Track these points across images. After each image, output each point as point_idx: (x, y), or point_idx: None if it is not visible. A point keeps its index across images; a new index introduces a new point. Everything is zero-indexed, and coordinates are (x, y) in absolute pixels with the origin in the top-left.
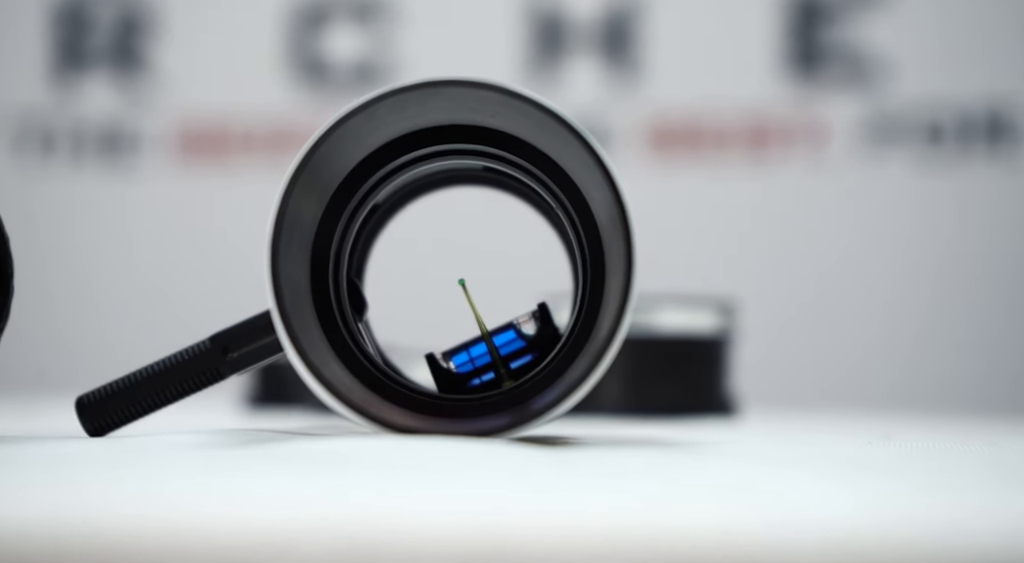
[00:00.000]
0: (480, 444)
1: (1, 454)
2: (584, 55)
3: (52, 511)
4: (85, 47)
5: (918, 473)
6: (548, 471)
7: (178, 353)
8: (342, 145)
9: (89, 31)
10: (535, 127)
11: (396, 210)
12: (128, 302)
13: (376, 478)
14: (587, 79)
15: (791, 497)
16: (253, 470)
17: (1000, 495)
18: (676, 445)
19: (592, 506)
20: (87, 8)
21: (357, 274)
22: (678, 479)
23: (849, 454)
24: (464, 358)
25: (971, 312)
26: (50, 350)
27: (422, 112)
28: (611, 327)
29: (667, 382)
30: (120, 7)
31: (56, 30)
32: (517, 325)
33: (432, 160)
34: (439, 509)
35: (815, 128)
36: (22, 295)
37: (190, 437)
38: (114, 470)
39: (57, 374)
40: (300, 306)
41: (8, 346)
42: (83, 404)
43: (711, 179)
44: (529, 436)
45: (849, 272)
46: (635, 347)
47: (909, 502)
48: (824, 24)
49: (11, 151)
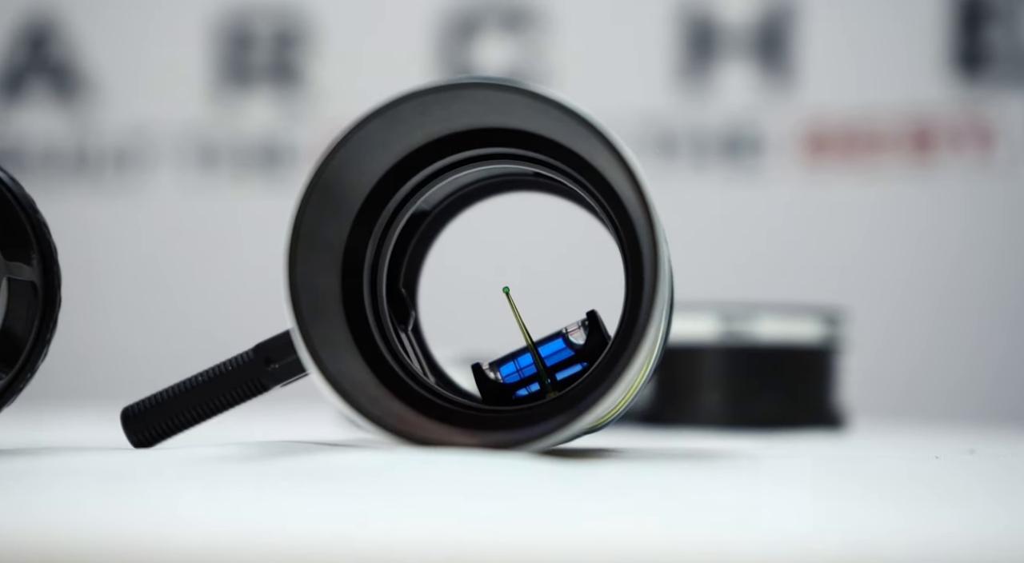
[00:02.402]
0: (500, 458)
1: (43, 465)
2: (737, 60)
3: (87, 526)
4: (246, 63)
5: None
6: (561, 491)
7: (222, 364)
8: (362, 152)
9: (249, 48)
10: (566, 129)
11: (448, 217)
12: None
13: (375, 494)
14: (740, 85)
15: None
16: (275, 487)
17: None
18: (778, 459)
19: (598, 525)
20: (247, 25)
21: (409, 283)
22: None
23: (958, 471)
24: (511, 368)
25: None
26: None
27: (449, 116)
28: (634, 344)
29: (770, 394)
30: (278, 23)
31: (217, 47)
32: (566, 334)
33: (467, 166)
34: (421, 526)
35: (981, 131)
36: (182, 304)
37: (230, 450)
38: (138, 485)
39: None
40: (325, 317)
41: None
42: (128, 416)
43: (867, 185)
44: (585, 450)
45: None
46: (735, 357)
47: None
48: (990, 22)
49: (175, 167)
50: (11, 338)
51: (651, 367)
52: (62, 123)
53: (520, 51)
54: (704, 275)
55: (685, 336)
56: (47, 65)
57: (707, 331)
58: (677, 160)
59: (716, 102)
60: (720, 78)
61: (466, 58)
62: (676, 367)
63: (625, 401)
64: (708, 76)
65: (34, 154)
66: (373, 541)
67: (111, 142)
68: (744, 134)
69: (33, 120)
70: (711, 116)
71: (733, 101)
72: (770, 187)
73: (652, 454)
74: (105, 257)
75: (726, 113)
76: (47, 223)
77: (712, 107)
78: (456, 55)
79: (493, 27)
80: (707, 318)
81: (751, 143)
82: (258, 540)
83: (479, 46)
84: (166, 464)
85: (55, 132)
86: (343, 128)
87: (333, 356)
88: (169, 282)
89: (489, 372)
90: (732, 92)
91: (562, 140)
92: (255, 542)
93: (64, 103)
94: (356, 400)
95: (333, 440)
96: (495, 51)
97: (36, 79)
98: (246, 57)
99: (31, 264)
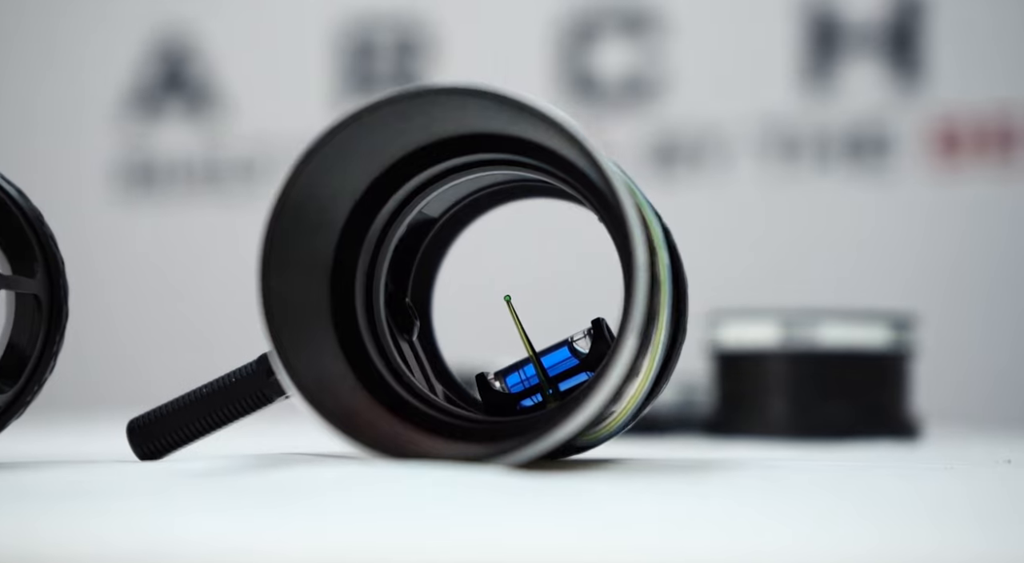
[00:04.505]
0: (470, 471)
1: (45, 480)
2: (863, 58)
3: (80, 544)
4: (368, 73)
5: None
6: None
7: (226, 375)
8: (334, 164)
9: (372, 57)
10: (548, 134)
11: (459, 225)
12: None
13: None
14: (866, 83)
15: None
16: (254, 504)
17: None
18: (840, 469)
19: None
20: (370, 34)
21: (419, 292)
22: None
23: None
24: (517, 378)
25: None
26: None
27: (430, 122)
28: (606, 362)
29: (837, 402)
30: (399, 32)
31: (340, 58)
32: (571, 342)
33: (460, 173)
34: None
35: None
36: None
37: (228, 463)
38: (129, 502)
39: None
40: (307, 329)
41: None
42: (133, 429)
43: (1000, 184)
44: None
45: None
46: (799, 363)
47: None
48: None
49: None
50: (16, 351)
51: (650, 379)
52: (194, 137)
53: (640, 55)
54: (823, 279)
55: (747, 342)
56: (181, 81)
57: (768, 337)
58: (800, 162)
59: (842, 102)
60: (846, 77)
61: (586, 63)
62: (739, 374)
63: (624, 413)
64: (833, 76)
65: (167, 167)
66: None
67: (238, 154)
68: (870, 134)
69: (168, 135)
70: (835, 116)
71: (859, 100)
72: (897, 188)
73: (675, 465)
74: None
75: (853, 113)
76: (54, 236)
77: (838, 107)
78: (576, 60)
79: (613, 32)
80: (768, 324)
81: (877, 143)
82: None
83: (599, 51)
84: (159, 480)
85: (187, 146)
86: (307, 143)
87: (309, 365)
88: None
89: (494, 382)
90: (859, 91)
91: (550, 145)
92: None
93: (196, 118)
94: (325, 409)
95: (332, 452)
96: (615, 56)
97: (171, 96)
98: (369, 67)
99: (35, 277)
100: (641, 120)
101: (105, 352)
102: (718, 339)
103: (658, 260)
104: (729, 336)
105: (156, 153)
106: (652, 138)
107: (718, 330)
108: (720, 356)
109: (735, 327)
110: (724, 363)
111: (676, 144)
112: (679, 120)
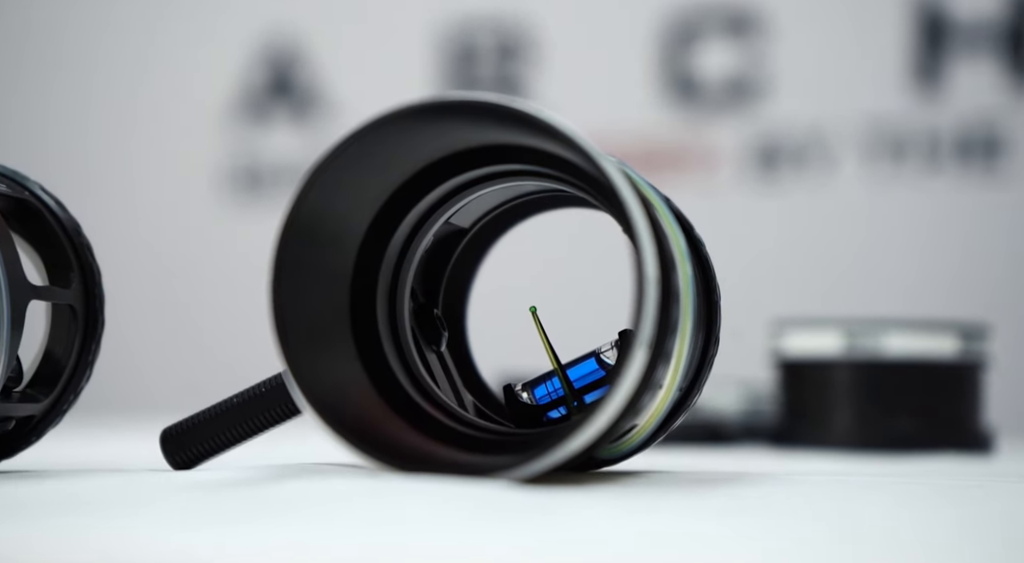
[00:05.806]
0: (479, 486)
1: (85, 488)
2: (975, 57)
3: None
4: (470, 77)
5: None
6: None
7: (256, 385)
8: (346, 179)
9: (474, 62)
10: (556, 143)
11: (492, 235)
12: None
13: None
14: (977, 83)
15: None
16: (261, 517)
17: None
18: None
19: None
20: (471, 37)
21: (452, 302)
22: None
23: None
24: (544, 390)
25: None
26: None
27: (441, 133)
28: (619, 369)
29: (905, 413)
30: (500, 36)
31: (442, 62)
32: (599, 354)
33: (480, 185)
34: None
35: None
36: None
37: (252, 474)
38: (146, 513)
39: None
40: (323, 341)
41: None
42: (166, 438)
43: None
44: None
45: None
46: (864, 373)
47: None
48: None
49: None
50: (51, 361)
51: (673, 391)
52: (299, 141)
53: (742, 57)
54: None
55: (810, 352)
56: (288, 86)
57: (831, 347)
58: (907, 164)
59: (952, 103)
60: (956, 77)
61: (688, 65)
62: (803, 384)
63: (647, 426)
64: (943, 75)
65: (273, 171)
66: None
67: None
68: (980, 136)
69: (274, 139)
70: (945, 117)
71: (971, 101)
72: (1016, 190)
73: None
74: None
75: (963, 114)
76: (91, 245)
77: (948, 108)
78: (678, 62)
79: (715, 33)
80: (830, 333)
81: (987, 145)
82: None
83: (701, 53)
84: (173, 490)
85: (293, 150)
86: (317, 157)
87: (323, 379)
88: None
89: (522, 393)
90: (970, 91)
91: (565, 155)
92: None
93: (302, 122)
94: (339, 422)
95: (353, 463)
96: (717, 57)
97: (278, 101)
98: (470, 70)
99: (70, 287)
100: (744, 122)
101: (209, 355)
102: (780, 348)
103: (677, 273)
104: (792, 345)
105: (262, 158)
106: (755, 140)
107: (780, 340)
108: (784, 365)
109: (798, 336)
110: (788, 372)
111: (779, 146)
112: (782, 122)
